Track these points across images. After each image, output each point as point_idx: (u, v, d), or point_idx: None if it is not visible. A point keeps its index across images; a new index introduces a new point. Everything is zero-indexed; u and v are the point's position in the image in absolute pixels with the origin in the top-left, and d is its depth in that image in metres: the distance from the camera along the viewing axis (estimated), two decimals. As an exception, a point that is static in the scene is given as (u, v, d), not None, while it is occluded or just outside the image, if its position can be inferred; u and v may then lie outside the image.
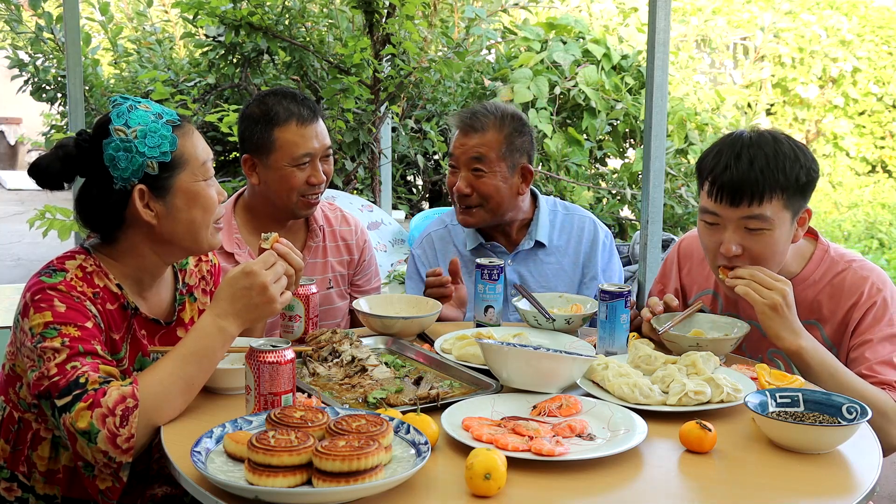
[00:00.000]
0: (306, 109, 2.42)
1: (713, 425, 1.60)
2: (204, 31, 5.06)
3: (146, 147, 1.73)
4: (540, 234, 2.66)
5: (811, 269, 2.11)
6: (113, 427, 1.58)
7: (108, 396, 1.60)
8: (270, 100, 2.43)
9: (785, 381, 1.87)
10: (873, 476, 1.52)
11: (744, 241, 2.00)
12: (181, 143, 1.77)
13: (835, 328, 2.07)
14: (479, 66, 6.46)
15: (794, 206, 2.01)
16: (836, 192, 10.04)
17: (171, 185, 1.77)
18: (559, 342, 2.15)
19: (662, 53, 3.49)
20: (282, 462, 1.36)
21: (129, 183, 1.75)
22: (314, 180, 2.43)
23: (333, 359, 2.01)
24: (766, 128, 2.12)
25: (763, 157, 1.97)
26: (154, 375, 1.67)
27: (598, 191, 5.96)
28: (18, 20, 5.45)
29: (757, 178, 1.96)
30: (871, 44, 11.49)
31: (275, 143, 2.40)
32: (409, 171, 6.73)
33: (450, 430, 1.59)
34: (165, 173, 1.76)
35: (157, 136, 1.74)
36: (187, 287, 2.00)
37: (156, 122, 1.75)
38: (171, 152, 1.76)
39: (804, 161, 2.00)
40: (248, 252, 2.49)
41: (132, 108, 1.76)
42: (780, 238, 2.01)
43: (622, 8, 7.55)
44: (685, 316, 2.18)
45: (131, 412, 1.59)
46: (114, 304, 1.79)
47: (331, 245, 2.63)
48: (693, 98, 7.63)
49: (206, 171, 1.82)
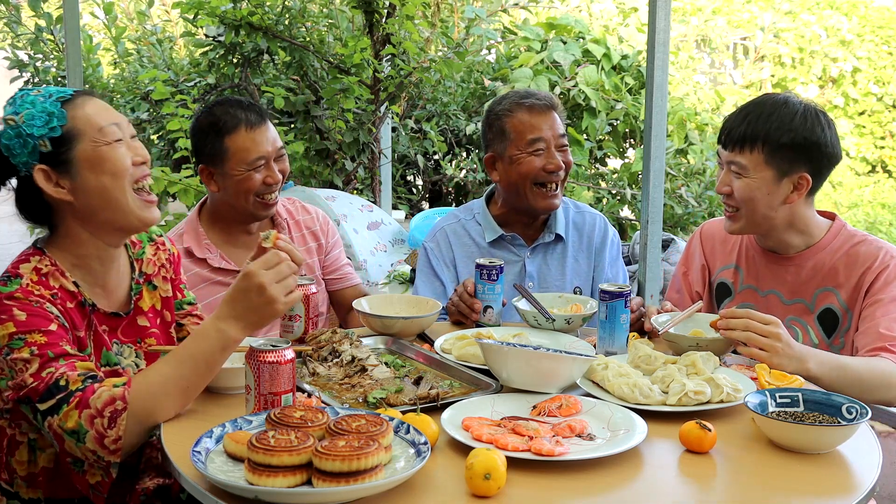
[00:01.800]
0: (253, 114, 2.49)
1: (713, 425, 1.60)
2: (204, 31, 5.05)
3: (34, 128, 1.71)
4: (559, 227, 2.69)
5: (829, 239, 2.26)
6: (101, 428, 1.59)
7: (97, 397, 1.60)
8: (217, 109, 2.50)
9: (785, 381, 1.87)
10: (873, 476, 1.52)
11: (730, 182, 2.21)
12: (71, 114, 1.73)
13: (850, 293, 2.21)
14: (480, 66, 6.46)
15: (779, 164, 2.15)
16: (836, 192, 10.04)
17: (72, 158, 1.73)
18: (559, 342, 2.15)
19: (662, 53, 3.49)
20: (282, 462, 1.36)
21: (29, 167, 1.73)
22: (270, 180, 2.50)
23: (333, 359, 2.01)
24: (808, 99, 2.26)
25: (757, 113, 2.17)
26: (147, 377, 1.66)
27: (598, 191, 5.96)
28: (18, 20, 5.45)
29: (744, 128, 2.17)
30: (871, 44, 11.49)
31: (227, 151, 2.48)
32: (409, 171, 6.73)
33: (450, 430, 1.59)
34: (62, 148, 1.73)
35: (44, 115, 1.72)
36: (145, 276, 1.96)
37: (44, 102, 1.73)
38: (61, 126, 1.72)
39: (798, 126, 2.14)
40: (219, 255, 2.56)
41: (24, 96, 1.75)
42: (760, 189, 2.17)
43: (622, 8, 7.55)
44: (685, 316, 2.19)
45: (119, 414, 1.60)
46: (72, 302, 1.77)
47: (297, 236, 2.70)
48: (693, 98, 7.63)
49: (106, 135, 1.75)
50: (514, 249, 2.68)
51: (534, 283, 2.67)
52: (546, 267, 2.69)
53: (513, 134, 2.60)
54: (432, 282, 2.66)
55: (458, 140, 6.39)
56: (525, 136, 2.58)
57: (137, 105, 5.40)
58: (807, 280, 2.26)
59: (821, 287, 2.24)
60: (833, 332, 2.23)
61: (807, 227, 2.26)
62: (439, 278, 2.67)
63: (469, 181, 6.18)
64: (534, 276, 2.67)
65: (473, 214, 2.74)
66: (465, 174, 6.26)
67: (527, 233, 2.71)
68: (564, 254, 2.71)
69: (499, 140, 2.64)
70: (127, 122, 1.82)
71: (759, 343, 1.94)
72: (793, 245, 2.27)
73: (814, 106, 2.20)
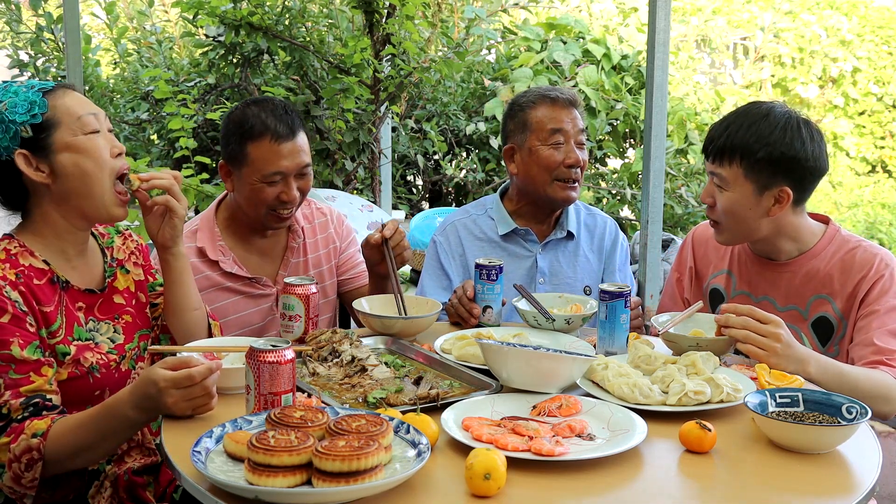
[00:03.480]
0: (283, 126, 2.36)
1: (713, 425, 1.60)
2: (204, 31, 5.05)
3: (16, 115, 1.80)
4: (570, 225, 2.71)
5: (823, 245, 2.23)
6: (18, 471, 1.69)
7: (17, 444, 1.68)
8: (251, 110, 2.39)
9: (785, 381, 1.87)
10: (873, 476, 1.52)
11: (713, 193, 2.21)
12: (52, 104, 1.83)
13: (844, 301, 2.18)
14: (480, 66, 6.46)
15: (757, 178, 2.14)
16: (836, 192, 10.03)
17: (51, 144, 1.82)
18: (559, 342, 2.15)
19: (662, 53, 3.50)
20: (282, 462, 1.36)
21: (10, 151, 1.81)
22: (285, 197, 2.38)
23: (333, 359, 2.01)
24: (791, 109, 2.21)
25: (738, 125, 2.15)
26: (60, 439, 1.70)
27: (598, 191, 5.96)
28: (18, 20, 5.45)
29: (724, 140, 2.16)
30: (871, 44, 11.48)
31: (247, 157, 2.36)
32: (409, 171, 6.73)
33: (450, 430, 1.59)
34: (42, 134, 1.82)
35: (26, 103, 1.81)
36: (117, 261, 2.03)
37: (26, 92, 1.83)
38: (42, 114, 1.81)
39: (776, 141, 2.11)
40: (233, 259, 2.46)
41: (7, 87, 1.84)
42: (740, 203, 2.16)
43: (622, 8, 7.55)
44: (685, 316, 2.19)
45: (36, 462, 1.69)
46: (41, 278, 1.84)
47: (311, 241, 2.61)
48: (693, 98, 7.63)
49: (84, 125, 1.85)
50: (525, 245, 2.69)
51: (545, 280, 2.67)
52: (558, 264, 2.70)
53: (534, 125, 2.63)
54: (438, 276, 2.67)
55: (459, 140, 6.39)
56: (546, 126, 2.61)
57: (137, 105, 5.40)
58: (801, 287, 2.23)
59: (815, 294, 2.21)
60: (828, 340, 2.21)
61: (798, 234, 2.23)
62: (445, 272, 2.67)
63: (469, 181, 6.18)
64: (545, 272, 2.68)
65: (486, 209, 2.75)
66: (466, 174, 6.26)
67: (539, 228, 2.72)
68: (576, 252, 2.72)
69: (519, 131, 2.66)
70: (104, 116, 1.92)
71: (757, 342, 1.94)
72: (785, 251, 2.24)
73: (797, 117, 2.16)
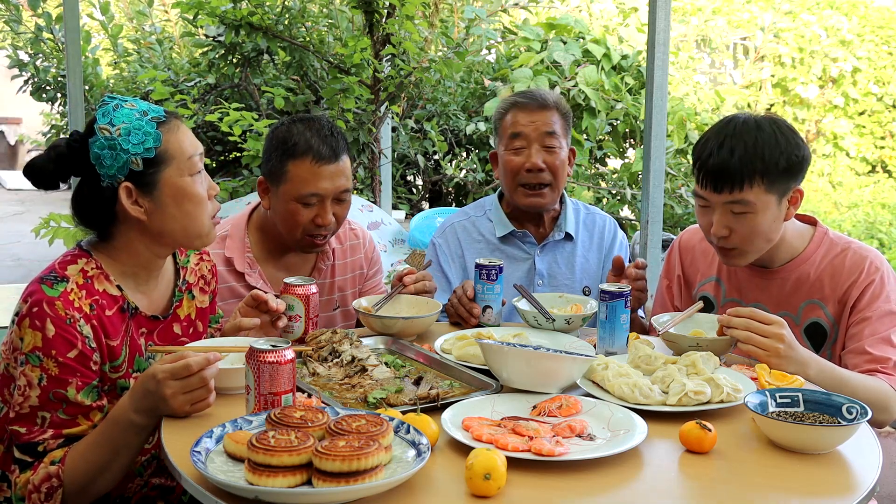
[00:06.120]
0: (327, 147, 2.30)
1: (713, 425, 1.60)
2: (204, 31, 5.06)
3: (130, 144, 1.74)
4: (569, 226, 2.71)
5: (812, 249, 2.21)
6: (38, 501, 1.67)
7: (36, 474, 1.67)
8: (296, 127, 2.33)
9: (785, 381, 1.87)
10: (873, 476, 1.52)
11: (730, 223, 2.11)
12: (165, 138, 1.77)
13: (836, 306, 2.17)
14: (479, 66, 6.47)
15: (779, 188, 2.10)
16: (836, 192, 10.04)
17: (158, 181, 1.77)
18: (559, 342, 2.15)
19: (662, 53, 3.50)
20: (282, 462, 1.36)
21: (115, 180, 1.76)
22: (320, 221, 2.32)
23: (333, 359, 2.01)
24: (760, 113, 2.19)
25: (742, 147, 2.08)
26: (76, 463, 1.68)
27: (598, 191, 5.97)
28: (18, 20, 5.45)
29: (737, 166, 2.07)
30: (871, 44, 11.48)
31: (286, 175, 2.30)
32: (409, 171, 6.73)
33: (450, 430, 1.59)
34: (150, 169, 1.76)
35: (140, 133, 1.74)
36: (187, 284, 2.00)
37: (140, 120, 1.76)
38: (156, 148, 1.76)
39: (784, 146, 2.09)
40: (258, 273, 2.41)
41: (118, 108, 1.77)
42: (766, 219, 2.11)
43: (622, 8, 7.55)
44: (685, 316, 2.19)
45: (55, 490, 1.67)
46: (112, 307, 1.79)
47: (339, 264, 2.56)
48: (693, 98, 7.64)
49: (192, 166, 1.81)
50: (523, 247, 2.69)
51: (543, 282, 2.67)
52: (556, 265, 2.70)
53: (501, 131, 2.66)
54: (438, 278, 2.66)
55: (458, 140, 6.40)
56: (508, 131, 2.62)
57: (137, 105, 5.39)
58: (791, 292, 2.21)
59: (806, 300, 2.20)
60: (821, 345, 2.20)
61: (789, 237, 2.20)
62: (445, 274, 2.68)
63: (469, 181, 6.19)
64: (543, 273, 2.68)
65: (485, 211, 2.76)
66: (465, 174, 6.26)
67: (537, 231, 2.72)
68: (574, 253, 2.72)
69: (496, 137, 2.71)
70: (202, 152, 1.87)
71: (759, 343, 1.94)
72: (775, 257, 2.22)
73: (773, 117, 2.15)
